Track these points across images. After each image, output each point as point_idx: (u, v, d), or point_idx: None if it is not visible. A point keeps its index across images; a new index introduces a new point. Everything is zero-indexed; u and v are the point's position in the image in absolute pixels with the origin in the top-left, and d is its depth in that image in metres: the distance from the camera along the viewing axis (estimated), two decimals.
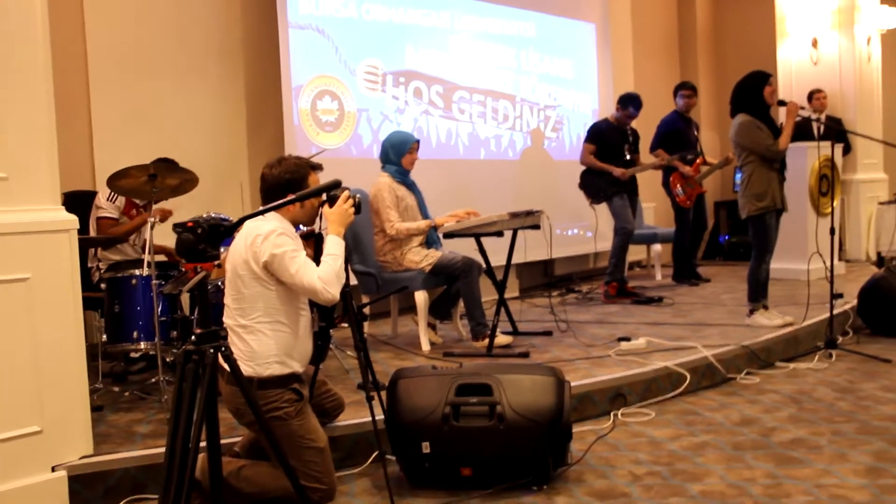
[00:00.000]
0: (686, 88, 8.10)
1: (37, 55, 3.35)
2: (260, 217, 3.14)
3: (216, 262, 2.42)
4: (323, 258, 3.26)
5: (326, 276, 3.18)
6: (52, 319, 3.35)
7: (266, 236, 3.16)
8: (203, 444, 2.49)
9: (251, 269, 3.19)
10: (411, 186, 5.69)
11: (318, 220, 3.61)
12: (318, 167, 3.57)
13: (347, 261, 3.41)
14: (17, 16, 3.29)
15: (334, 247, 3.28)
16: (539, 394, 3.39)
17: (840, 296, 6.37)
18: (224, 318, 3.30)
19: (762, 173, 5.67)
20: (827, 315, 5.68)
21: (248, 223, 3.18)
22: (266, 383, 3.19)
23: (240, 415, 3.21)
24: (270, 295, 3.22)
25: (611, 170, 7.28)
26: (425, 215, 5.65)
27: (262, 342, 3.20)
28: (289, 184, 3.35)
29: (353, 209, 3.36)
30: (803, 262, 6.43)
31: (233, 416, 3.29)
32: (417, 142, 5.67)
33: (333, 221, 3.33)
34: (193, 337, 2.45)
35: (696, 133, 8.14)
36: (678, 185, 7.89)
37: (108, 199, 5.03)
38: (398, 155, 5.58)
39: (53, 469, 3.34)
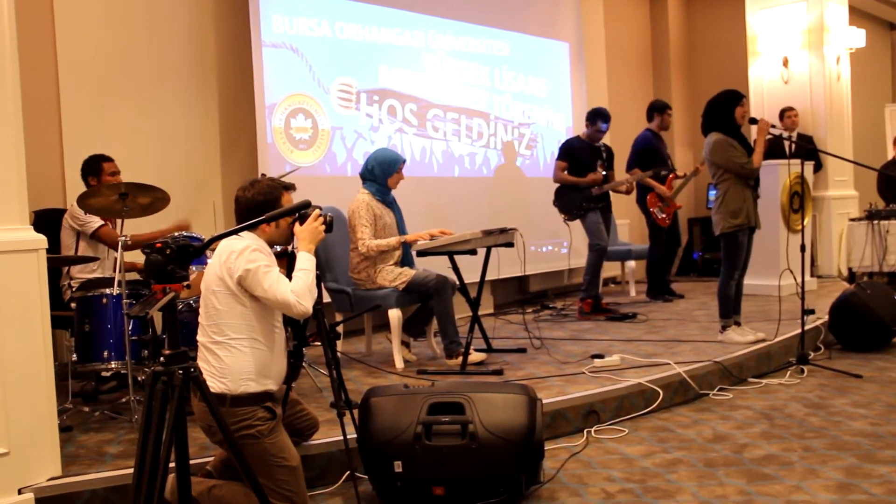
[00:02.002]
0: (670, 108, 8.17)
1: (4, 73, 3.32)
2: (235, 236, 3.15)
3: (185, 283, 2.40)
4: (295, 273, 3.28)
5: (299, 289, 3.20)
6: (20, 340, 3.31)
7: (240, 252, 3.18)
8: (172, 464, 2.47)
9: (226, 285, 3.19)
10: (391, 204, 5.69)
11: (290, 238, 3.62)
12: (291, 188, 3.58)
13: (320, 278, 3.41)
14: None
15: (305, 262, 3.30)
16: (511, 412, 3.39)
17: (812, 311, 6.43)
18: (198, 336, 3.29)
19: (737, 191, 5.73)
20: (799, 331, 5.73)
21: (223, 242, 3.20)
22: (239, 400, 3.17)
23: (211, 432, 3.19)
24: (245, 311, 3.22)
25: (583, 181, 7.30)
26: (403, 233, 5.64)
27: (236, 359, 3.19)
28: (262, 206, 3.36)
29: (323, 227, 3.38)
30: (775, 278, 6.48)
31: (204, 434, 3.26)
32: (404, 161, 5.68)
33: (304, 239, 3.35)
34: (162, 358, 2.43)
35: (667, 151, 8.20)
36: (655, 206, 7.94)
37: (87, 213, 4.99)
38: (385, 174, 5.57)
39: (20, 491, 3.29)
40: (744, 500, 3.38)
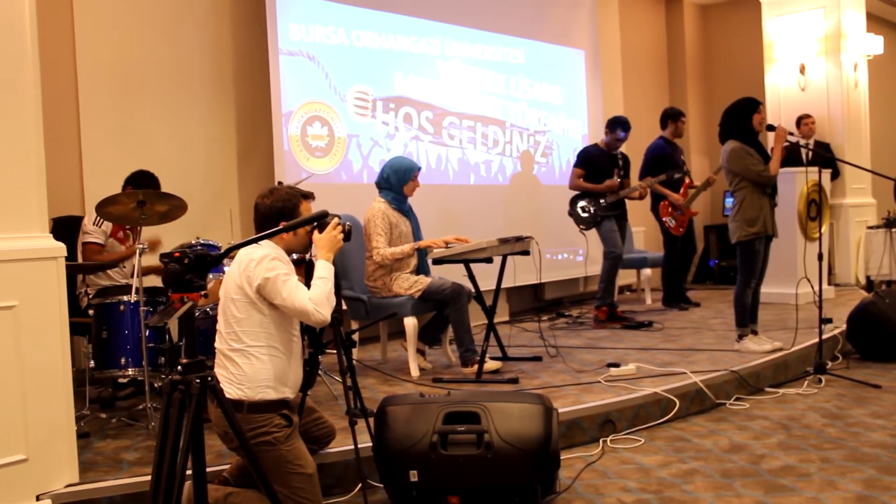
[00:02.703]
0: (683, 116, 8.15)
1: (26, 83, 3.36)
2: (254, 244, 3.17)
3: (203, 293, 2.42)
4: (313, 281, 3.29)
5: (317, 297, 3.22)
6: (39, 347, 3.34)
7: (259, 261, 3.20)
8: (189, 472, 2.48)
9: (245, 293, 3.21)
10: (407, 213, 5.70)
11: (309, 246, 3.63)
12: (310, 196, 3.59)
13: (337, 287, 3.42)
14: (6, 42, 3.30)
15: (323, 270, 3.32)
16: (527, 422, 3.38)
17: (829, 320, 6.39)
18: (216, 343, 3.30)
19: (754, 199, 5.71)
20: (816, 340, 5.70)
21: (242, 250, 3.21)
22: (256, 407, 3.18)
23: (228, 439, 3.20)
24: (264, 319, 3.24)
25: (599, 187, 7.30)
26: (419, 241, 5.65)
27: (255, 366, 3.21)
28: (280, 213, 3.40)
29: (341, 235, 3.39)
30: (792, 286, 6.46)
31: (221, 440, 3.28)
32: (419, 169, 5.69)
33: (322, 247, 3.37)
34: (179, 367, 2.44)
35: (682, 157, 8.18)
36: (668, 215, 7.92)
37: (94, 224, 5.04)
38: (401, 182, 5.59)
39: (38, 498, 3.32)
40: None
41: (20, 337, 3.27)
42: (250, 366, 3.20)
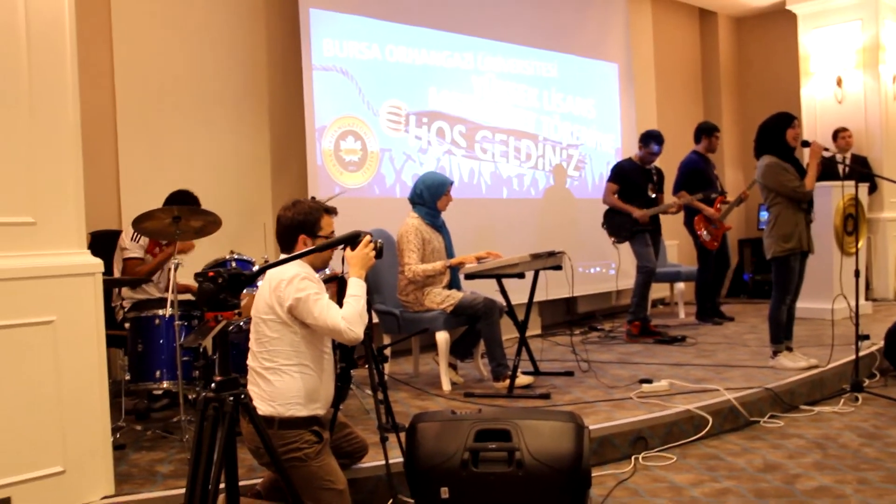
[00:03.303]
0: (717, 131, 8.11)
1: (66, 100, 3.43)
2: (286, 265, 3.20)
3: (237, 311, 2.45)
4: (346, 299, 3.31)
5: (350, 315, 3.24)
6: (77, 362, 3.40)
7: (290, 281, 3.22)
8: (222, 485, 2.51)
9: (276, 313, 3.24)
10: (440, 228, 5.72)
11: (341, 263, 3.66)
12: (332, 211, 3.61)
13: (369, 303, 3.44)
14: (47, 59, 3.37)
15: (356, 288, 3.34)
16: (558, 440, 3.38)
17: (866, 337, 6.30)
18: (248, 361, 3.34)
19: (789, 214, 5.66)
20: (853, 357, 5.62)
21: (272, 270, 3.24)
22: (287, 423, 3.21)
23: (259, 454, 3.23)
24: (295, 338, 3.26)
25: (631, 210, 7.27)
26: (451, 257, 5.67)
27: (286, 383, 3.24)
28: (301, 225, 3.42)
29: (373, 253, 3.40)
30: (828, 301, 6.37)
31: (252, 456, 3.31)
32: (452, 183, 5.71)
33: (355, 265, 3.38)
34: (213, 384, 2.47)
35: (715, 172, 8.13)
36: (703, 229, 7.87)
37: (132, 240, 5.11)
38: (434, 197, 5.61)
39: None
40: None
41: (58, 351, 3.33)
42: (282, 382, 3.23)
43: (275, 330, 3.26)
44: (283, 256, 3.01)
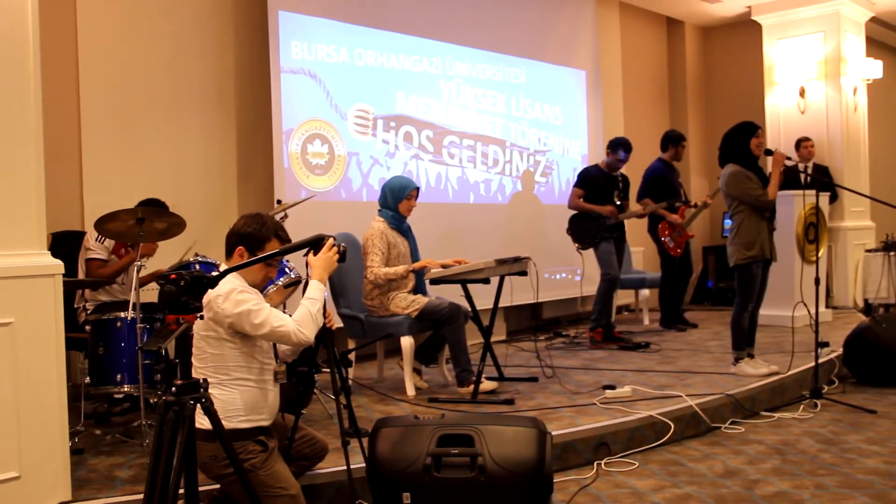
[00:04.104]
0: (684, 140, 8.18)
1: (27, 99, 3.39)
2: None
3: (198, 315, 2.43)
4: (302, 301, 3.28)
5: (302, 318, 3.20)
6: (35, 365, 3.35)
7: (226, 296, 3.13)
8: (181, 491, 2.49)
9: (215, 329, 3.18)
10: (406, 233, 5.71)
11: (305, 267, 3.63)
12: (285, 239, 3.51)
13: (335, 304, 3.42)
14: (8, 57, 3.33)
15: (314, 291, 3.29)
16: (521, 445, 3.38)
17: (826, 344, 6.37)
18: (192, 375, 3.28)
19: (752, 222, 5.73)
20: (812, 364, 5.70)
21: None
22: (230, 436, 3.16)
23: (207, 469, 3.17)
24: (235, 353, 3.20)
25: (600, 210, 7.32)
26: (417, 262, 5.66)
27: (228, 397, 3.18)
28: (244, 238, 3.33)
29: (337, 256, 3.36)
30: (789, 309, 6.45)
31: (200, 470, 3.26)
32: (417, 189, 5.70)
33: (317, 268, 3.33)
34: (174, 388, 2.45)
35: (679, 180, 8.21)
36: (667, 235, 7.94)
37: (96, 240, 5.05)
38: (396, 200, 5.60)
39: None
40: None
41: (16, 354, 3.29)
42: (224, 396, 3.16)
43: (213, 346, 3.20)
44: (246, 260, 2.97)
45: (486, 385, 5.41)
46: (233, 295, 3.14)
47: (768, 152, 5.80)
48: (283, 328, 3.16)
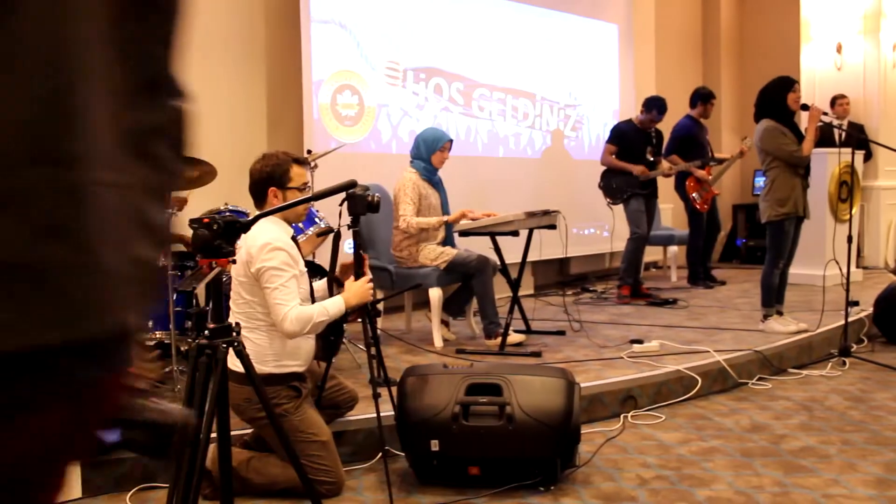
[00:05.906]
0: (714, 98, 8.07)
1: None
2: (258, 227, 3.13)
3: (231, 259, 2.44)
4: (318, 303, 3.32)
5: (303, 316, 3.21)
6: None
7: (260, 248, 3.21)
8: (214, 434, 2.53)
9: (250, 276, 3.25)
10: (437, 185, 5.71)
11: (338, 217, 3.65)
12: (303, 161, 3.58)
13: (339, 331, 3.46)
14: None
15: (333, 306, 3.29)
16: (549, 395, 3.40)
17: (856, 303, 6.34)
18: (228, 320, 3.32)
19: (786, 179, 5.65)
20: (842, 322, 5.66)
21: (247, 234, 3.19)
22: (265, 380, 3.21)
23: (240, 411, 3.24)
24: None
25: (630, 168, 7.26)
26: (447, 214, 5.66)
27: (264, 341, 3.27)
28: (269, 177, 3.40)
29: (371, 292, 3.37)
30: (820, 267, 6.39)
31: (234, 412, 3.32)
32: (450, 141, 5.68)
33: (353, 294, 3.34)
34: (206, 332, 2.48)
35: (707, 137, 8.13)
36: (694, 191, 7.88)
37: None
38: (429, 151, 5.59)
39: None
40: (780, 491, 3.36)
41: None
42: (260, 340, 3.24)
43: (250, 292, 3.26)
44: (279, 205, 3.00)
45: (514, 338, 5.43)
46: (265, 249, 3.21)
47: (805, 107, 5.71)
48: (279, 308, 3.18)
